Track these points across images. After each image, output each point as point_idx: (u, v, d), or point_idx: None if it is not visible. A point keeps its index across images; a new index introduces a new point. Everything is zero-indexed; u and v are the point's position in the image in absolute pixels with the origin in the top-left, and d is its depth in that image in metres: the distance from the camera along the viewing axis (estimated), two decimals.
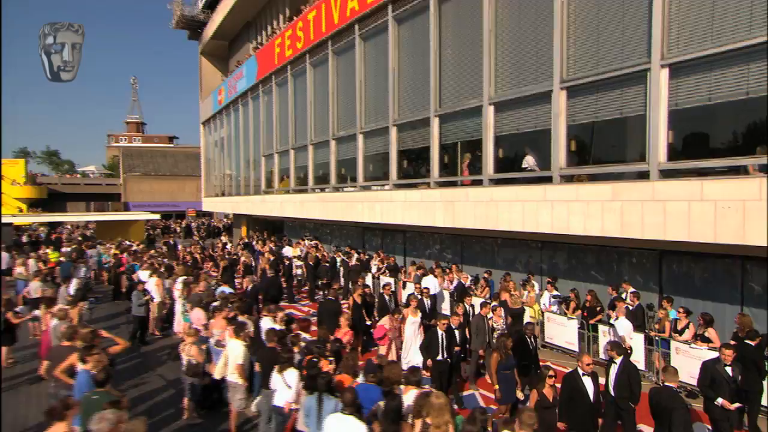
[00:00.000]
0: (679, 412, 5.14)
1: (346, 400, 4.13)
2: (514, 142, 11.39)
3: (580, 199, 9.15)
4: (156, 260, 13.99)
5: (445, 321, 7.86)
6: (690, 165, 7.83)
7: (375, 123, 15.45)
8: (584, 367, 5.79)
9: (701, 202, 7.40)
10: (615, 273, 10.75)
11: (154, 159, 60.15)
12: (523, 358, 7.46)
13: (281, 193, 22.23)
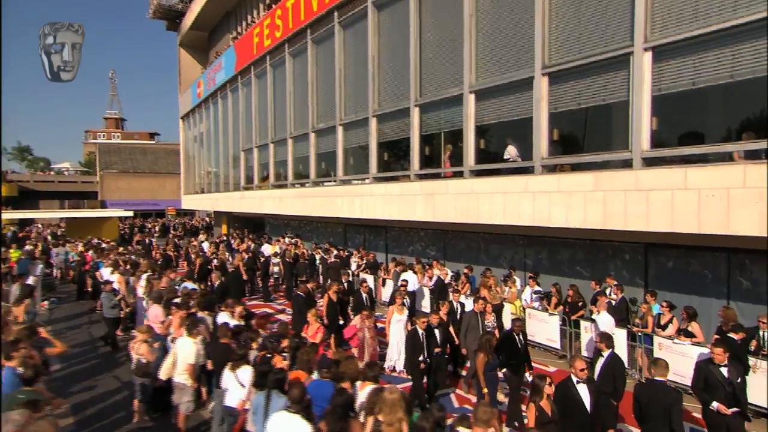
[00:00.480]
0: (677, 407, 4.95)
1: (293, 396, 3.87)
2: (497, 132, 11.21)
3: (562, 190, 8.98)
4: (122, 257, 13.59)
5: (425, 319, 7.56)
6: (674, 152, 7.68)
7: (355, 114, 15.20)
8: (578, 373, 5.24)
9: (685, 191, 7.26)
10: (600, 267, 10.60)
11: (132, 156, 59.28)
12: (512, 357, 7.11)
13: (265, 188, 21.88)
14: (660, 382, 5.17)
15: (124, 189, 55.88)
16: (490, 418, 3.75)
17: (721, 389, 5.57)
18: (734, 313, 7.30)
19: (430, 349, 7.57)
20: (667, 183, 7.47)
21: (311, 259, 16.25)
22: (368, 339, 8.45)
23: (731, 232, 6.78)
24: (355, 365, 4.84)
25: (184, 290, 8.78)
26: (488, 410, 3.81)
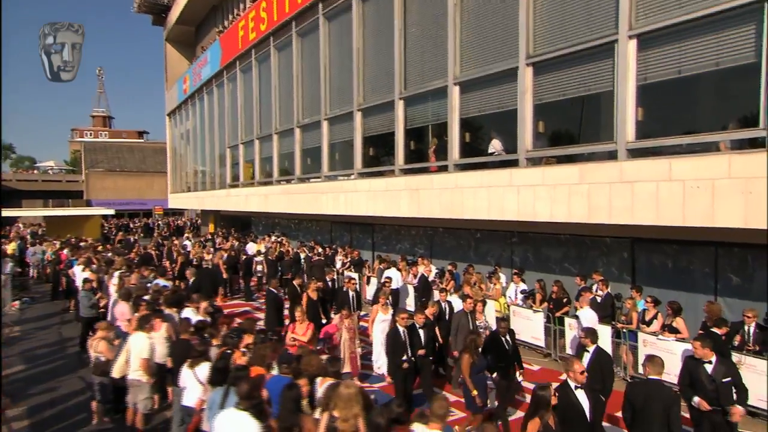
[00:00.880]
0: (676, 408, 4.73)
1: (240, 392, 3.71)
2: (482, 125, 11.09)
3: (547, 183, 8.87)
4: (97, 255, 13.37)
5: (405, 316, 7.16)
6: (658, 143, 7.58)
7: (340, 108, 15.07)
8: (577, 377, 4.77)
9: (669, 182, 7.15)
10: (588, 263, 10.50)
11: (119, 154, 58.86)
12: (499, 359, 6.66)
13: (250, 186, 21.68)
14: (656, 382, 4.92)
15: (111, 188, 55.39)
16: (446, 413, 3.60)
17: (703, 386, 5.42)
18: (719, 308, 7.21)
19: (413, 349, 7.13)
20: (651, 174, 7.37)
21: (296, 257, 16.07)
22: (346, 340, 8.11)
23: (716, 224, 6.68)
24: (317, 361, 4.69)
25: (155, 287, 8.60)
26: (444, 404, 3.67)
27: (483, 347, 6.65)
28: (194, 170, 30.89)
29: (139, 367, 5.74)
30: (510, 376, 6.73)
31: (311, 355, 4.77)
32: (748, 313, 6.79)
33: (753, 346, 6.61)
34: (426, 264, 11.90)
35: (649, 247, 9.53)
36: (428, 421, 3.62)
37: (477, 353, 6.29)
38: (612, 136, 8.06)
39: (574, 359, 5.00)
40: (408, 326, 7.21)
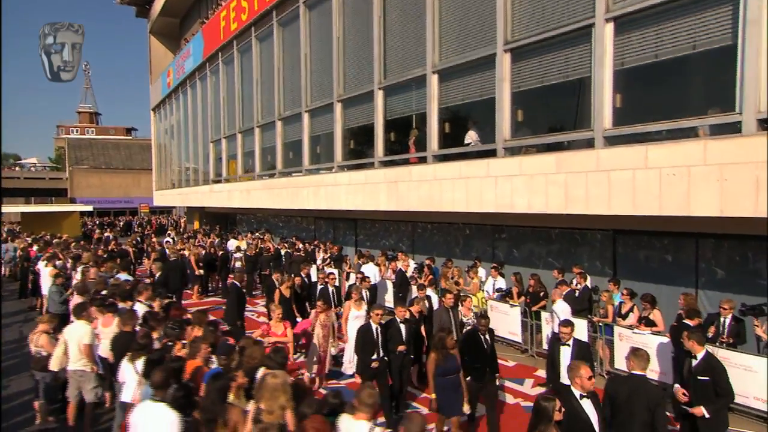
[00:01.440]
0: (662, 408, 4.53)
1: (153, 383, 3.56)
2: (461, 115, 10.95)
3: (524, 173, 8.75)
4: (65, 251, 13.17)
5: (379, 312, 6.78)
6: (635, 130, 7.44)
7: (320, 100, 14.92)
8: (585, 384, 4.25)
9: (646, 170, 7.04)
10: (571, 257, 10.41)
11: (105, 151, 58.54)
12: (475, 359, 6.11)
13: (233, 181, 21.52)
14: (640, 378, 4.66)
15: (96, 186, 55.04)
16: (375, 402, 3.46)
17: (682, 380, 5.28)
18: (694, 300, 7.10)
19: (388, 347, 6.72)
20: (628, 162, 7.26)
21: (276, 253, 15.92)
22: (319, 338, 7.89)
23: (692, 213, 6.57)
24: (260, 351, 4.55)
25: (115, 281, 8.43)
26: (373, 393, 3.53)
27: (460, 346, 6.23)
28: (178, 166, 30.69)
29: (82, 354, 5.57)
30: (485, 378, 6.18)
31: (254, 346, 4.63)
32: (724, 304, 6.68)
33: (727, 339, 6.50)
34: (404, 259, 11.76)
35: (630, 240, 9.44)
36: (355, 411, 3.49)
37: (445, 353, 5.78)
38: (589, 123, 7.94)
39: (580, 363, 4.39)
40: (385, 323, 6.85)
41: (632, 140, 7.46)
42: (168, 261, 11.72)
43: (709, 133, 6.86)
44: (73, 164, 53.52)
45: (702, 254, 8.34)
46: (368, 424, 3.45)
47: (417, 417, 3.43)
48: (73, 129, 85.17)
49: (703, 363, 5.09)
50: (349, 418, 3.48)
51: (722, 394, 4.97)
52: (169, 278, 10.60)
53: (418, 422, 3.35)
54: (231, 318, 8.78)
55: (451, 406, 5.81)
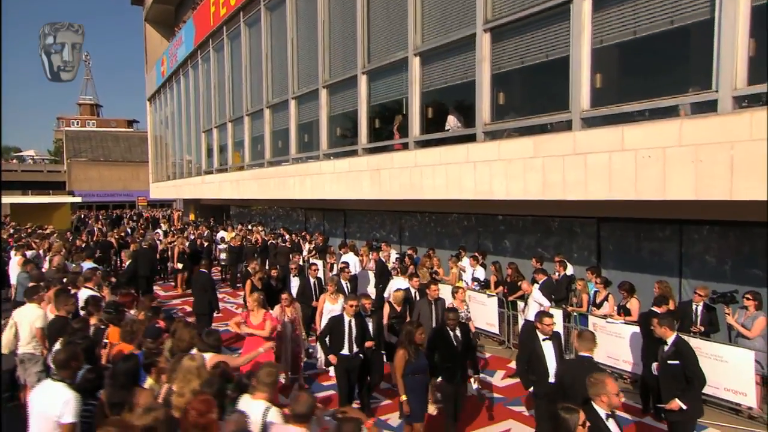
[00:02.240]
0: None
1: (56, 362, 3.56)
2: (443, 99, 10.86)
3: (502, 158, 8.65)
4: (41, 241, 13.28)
5: (354, 302, 6.52)
6: (613, 110, 7.31)
7: (307, 86, 14.88)
8: (612, 400, 3.75)
9: (622, 152, 6.92)
10: (555, 246, 10.32)
11: (104, 143, 58.99)
12: (445, 358, 5.72)
13: (223, 172, 21.58)
14: (587, 359, 4.66)
15: (95, 179, 55.48)
16: (275, 381, 3.43)
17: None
18: (669, 287, 6.98)
19: (360, 341, 6.45)
20: (604, 145, 7.15)
21: (263, 244, 15.96)
22: (288, 332, 7.55)
23: (667, 196, 6.46)
24: (189, 334, 4.53)
25: (75, 268, 8.48)
26: (273, 372, 3.50)
27: (429, 343, 5.85)
28: (172, 157, 30.85)
29: (32, 337, 5.61)
30: (458, 380, 5.75)
31: (184, 329, 4.62)
32: (699, 291, 6.56)
33: (698, 327, 6.38)
34: (386, 249, 11.72)
35: (614, 228, 9.33)
36: (254, 390, 3.46)
37: (414, 350, 5.40)
38: (567, 105, 7.82)
39: (606, 377, 3.88)
40: (356, 315, 6.59)
41: (611, 122, 7.35)
42: (137, 250, 11.76)
43: (691, 112, 6.73)
44: (72, 157, 54.00)
45: (686, 241, 8.20)
46: (264, 404, 3.42)
47: (269, 365, 3.45)
48: (74, 121, 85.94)
49: (672, 347, 5.05)
50: (248, 398, 3.47)
51: (692, 377, 4.87)
52: (138, 266, 10.64)
53: (270, 371, 3.36)
54: (199, 307, 8.80)
55: (422, 410, 5.50)
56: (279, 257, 13.90)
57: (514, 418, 6.48)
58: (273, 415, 3.26)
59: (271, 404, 3.32)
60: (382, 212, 15.50)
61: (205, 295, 8.98)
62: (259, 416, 3.29)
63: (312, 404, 3.09)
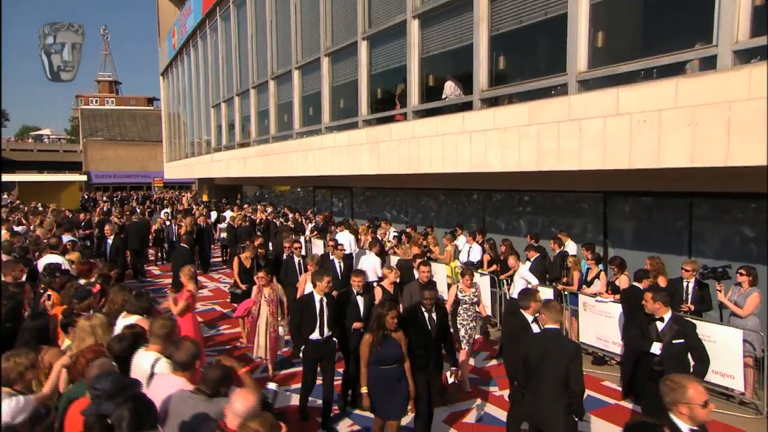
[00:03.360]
0: (577, 362, 4.37)
1: None
2: (442, 65, 10.84)
3: (497, 126, 8.62)
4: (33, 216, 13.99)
5: (328, 279, 6.13)
6: (611, 71, 7.17)
7: (310, 55, 15.04)
8: (697, 413, 3.17)
9: (616, 117, 6.82)
10: (561, 222, 10.30)
11: (120, 122, 60.73)
12: (416, 344, 5.26)
13: (231, 149, 22.06)
14: (554, 332, 4.58)
15: (111, 159, 57.02)
16: (169, 333, 3.62)
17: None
18: (660, 263, 6.85)
19: (333, 323, 6.13)
20: (599, 109, 7.04)
21: (266, 224, 16.33)
22: (266, 315, 7.37)
23: (662, 164, 6.34)
24: (122, 296, 4.78)
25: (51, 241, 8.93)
26: (167, 324, 3.68)
27: (403, 326, 5.29)
28: (185, 135, 31.65)
29: None
30: (431, 370, 5.36)
31: (119, 292, 4.88)
32: (687, 266, 6.42)
33: (688, 306, 6.26)
34: (385, 227, 11.86)
35: (621, 202, 9.22)
36: (148, 343, 3.67)
37: (383, 335, 4.96)
38: (564, 67, 7.71)
39: (689, 381, 3.28)
40: (339, 296, 6.44)
41: (607, 85, 7.22)
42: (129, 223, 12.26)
43: (698, 70, 6.54)
44: (87, 136, 55.88)
45: (696, 217, 8.02)
46: (155, 355, 3.62)
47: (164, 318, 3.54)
48: (92, 99, 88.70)
49: (674, 325, 4.86)
50: (141, 350, 3.68)
51: (700, 359, 4.72)
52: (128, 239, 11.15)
53: (164, 323, 3.47)
54: (177, 283, 9.18)
55: (387, 405, 4.99)
56: (279, 237, 14.22)
57: (483, 398, 6.58)
58: (161, 365, 3.48)
59: (161, 355, 3.53)
60: (389, 190, 15.64)
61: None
62: (148, 366, 3.53)
63: (193, 352, 3.27)
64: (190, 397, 2.93)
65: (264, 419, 2.45)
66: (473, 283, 7.02)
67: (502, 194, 11.88)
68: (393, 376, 4.99)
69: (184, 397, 2.95)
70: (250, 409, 2.57)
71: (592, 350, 7.51)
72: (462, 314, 6.92)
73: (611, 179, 8.56)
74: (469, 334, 6.88)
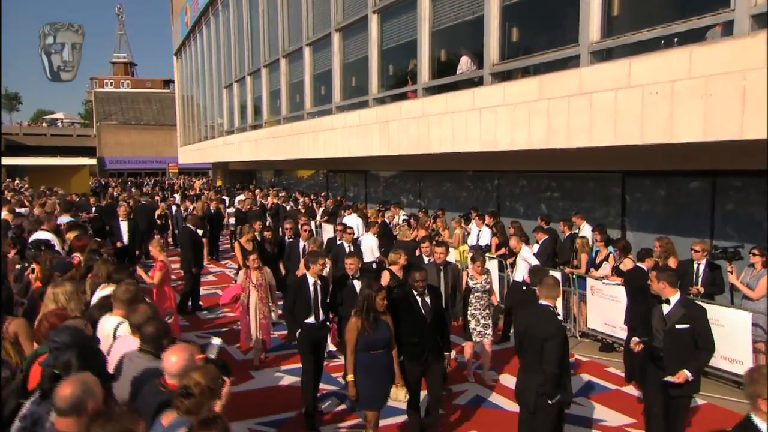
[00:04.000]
0: (554, 342, 4.41)
1: None
2: (454, 38, 10.88)
3: (507, 102, 8.67)
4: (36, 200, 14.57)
5: (321, 261, 6.18)
6: (624, 41, 7.15)
7: (321, 31, 15.21)
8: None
9: (628, 89, 6.81)
10: (577, 204, 10.35)
11: (135, 105, 61.99)
12: (409, 331, 5.14)
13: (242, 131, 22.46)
14: (543, 308, 4.66)
15: (126, 144, 58.27)
16: (132, 298, 3.84)
17: (650, 331, 4.93)
18: (669, 243, 6.82)
19: (328, 306, 6.24)
20: (611, 81, 7.03)
21: (276, 208, 16.64)
22: (255, 301, 7.41)
23: (674, 139, 6.33)
24: (106, 270, 5.04)
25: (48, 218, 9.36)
26: (131, 288, 3.91)
27: (395, 312, 5.25)
28: (198, 118, 32.25)
29: None
30: (427, 359, 5.20)
31: (102, 265, 5.16)
32: (696, 246, 6.39)
33: (698, 288, 6.23)
34: (395, 211, 12.01)
35: (640, 182, 9.21)
36: (112, 307, 3.93)
37: (372, 319, 4.83)
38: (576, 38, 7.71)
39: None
40: (338, 279, 6.61)
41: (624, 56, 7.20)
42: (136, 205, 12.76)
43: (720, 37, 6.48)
44: (101, 120, 57.21)
45: (719, 197, 7.95)
46: (118, 319, 3.89)
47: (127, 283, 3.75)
48: (107, 82, 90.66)
49: (681, 309, 4.76)
50: (106, 315, 3.94)
51: (704, 348, 4.66)
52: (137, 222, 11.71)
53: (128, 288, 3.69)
54: (185, 265, 9.66)
55: (375, 395, 4.93)
56: (287, 221, 14.51)
57: (474, 381, 6.73)
58: (123, 329, 3.75)
59: (124, 319, 3.79)
60: (404, 173, 15.81)
61: (185, 253, 9.79)
62: (111, 330, 3.83)
63: (148, 315, 3.50)
64: (137, 356, 3.20)
65: (206, 371, 2.65)
66: (485, 270, 6.86)
67: (518, 176, 11.92)
68: (383, 362, 4.92)
69: (132, 356, 3.21)
70: (184, 365, 2.77)
71: (601, 337, 7.57)
72: (473, 303, 6.70)
73: (630, 158, 8.57)
74: (483, 324, 6.67)
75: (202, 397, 2.50)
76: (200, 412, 2.40)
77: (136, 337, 3.36)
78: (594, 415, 5.82)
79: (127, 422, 2.05)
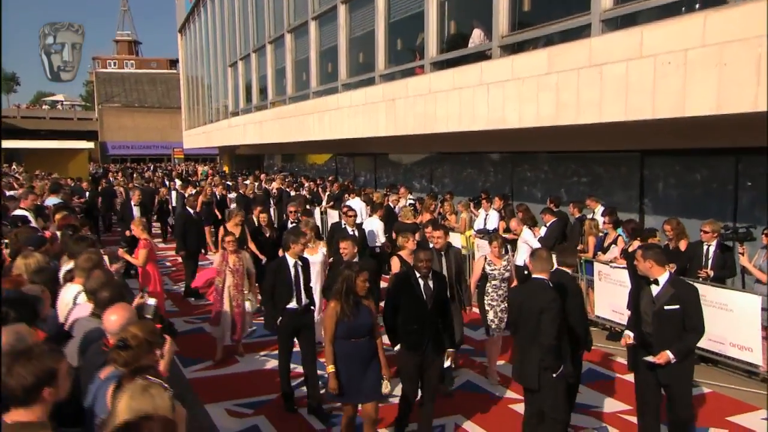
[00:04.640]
0: (550, 314, 4.44)
1: None
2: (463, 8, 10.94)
3: (516, 77, 8.73)
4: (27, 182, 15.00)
5: (303, 242, 6.13)
6: (640, 6, 7.16)
7: (327, 2, 15.33)
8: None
9: (640, 60, 6.83)
10: (593, 185, 10.44)
11: (138, 86, 62.61)
12: (410, 318, 4.99)
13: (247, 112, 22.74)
14: (537, 281, 4.73)
15: (129, 127, 58.71)
16: (93, 266, 4.04)
17: (638, 315, 4.94)
18: (678, 224, 6.82)
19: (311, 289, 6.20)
20: (622, 52, 7.06)
21: (279, 194, 16.88)
22: (230, 288, 7.22)
23: (686, 112, 6.35)
24: (81, 247, 5.26)
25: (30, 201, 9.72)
26: (92, 257, 4.11)
27: (389, 296, 5.32)
28: (203, 99, 32.64)
29: None
30: (426, 349, 4.98)
31: (75, 243, 5.38)
32: (705, 227, 6.39)
33: (706, 271, 6.24)
34: (403, 195, 12.17)
35: (660, 162, 9.22)
36: (73, 276, 4.17)
37: (353, 303, 4.62)
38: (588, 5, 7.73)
39: None
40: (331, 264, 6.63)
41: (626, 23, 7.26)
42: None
43: None
44: (103, 102, 57.98)
45: (742, 177, 7.94)
46: (78, 287, 4.12)
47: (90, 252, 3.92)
48: (111, 62, 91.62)
49: (670, 289, 4.69)
50: (68, 284, 4.19)
51: (691, 329, 4.63)
52: None
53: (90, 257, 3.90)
54: (180, 247, 10.01)
55: (359, 386, 4.72)
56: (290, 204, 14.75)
57: (468, 367, 6.84)
58: (82, 297, 3.99)
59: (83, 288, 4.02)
60: (415, 157, 15.94)
61: (186, 234, 10.15)
62: (71, 298, 4.11)
63: (102, 281, 3.71)
64: (88, 320, 3.43)
65: (144, 325, 2.85)
66: (504, 254, 6.56)
67: (534, 159, 11.98)
68: (365, 350, 4.72)
69: (83, 320, 3.45)
70: (124, 323, 2.96)
71: (609, 325, 7.64)
72: (491, 293, 6.40)
73: (647, 136, 8.57)
74: (500, 317, 6.32)
75: (139, 350, 2.67)
76: (138, 364, 2.57)
77: (91, 302, 3.59)
78: (588, 401, 5.83)
79: (48, 361, 2.21)
